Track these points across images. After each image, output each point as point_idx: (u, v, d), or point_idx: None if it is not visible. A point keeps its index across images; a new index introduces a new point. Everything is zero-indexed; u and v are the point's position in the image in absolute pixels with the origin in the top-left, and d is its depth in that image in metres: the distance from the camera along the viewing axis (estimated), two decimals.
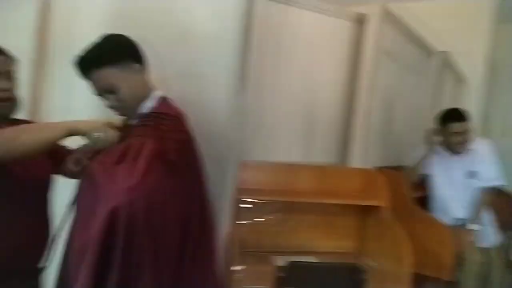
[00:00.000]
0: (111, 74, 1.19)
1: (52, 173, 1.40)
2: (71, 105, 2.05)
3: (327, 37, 2.19)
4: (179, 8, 1.71)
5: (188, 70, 1.74)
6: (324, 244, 2.02)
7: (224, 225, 1.58)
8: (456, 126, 2.28)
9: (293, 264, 1.52)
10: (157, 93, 1.29)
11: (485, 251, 2.28)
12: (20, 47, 1.34)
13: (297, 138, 2.16)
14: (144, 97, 1.26)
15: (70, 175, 1.33)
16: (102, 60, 1.18)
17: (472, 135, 2.33)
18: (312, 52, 2.15)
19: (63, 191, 1.35)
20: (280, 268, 1.50)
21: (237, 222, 1.69)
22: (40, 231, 1.36)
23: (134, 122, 1.26)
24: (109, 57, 1.19)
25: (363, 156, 2.13)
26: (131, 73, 1.22)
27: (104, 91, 1.22)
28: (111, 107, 1.25)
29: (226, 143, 1.58)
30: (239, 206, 1.75)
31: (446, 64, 2.90)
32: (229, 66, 1.60)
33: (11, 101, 1.27)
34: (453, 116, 2.31)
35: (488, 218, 2.43)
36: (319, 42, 2.16)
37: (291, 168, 1.98)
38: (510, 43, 4.23)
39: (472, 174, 2.33)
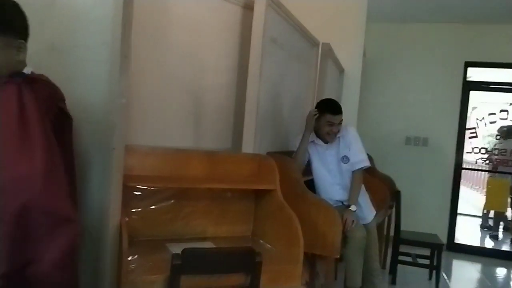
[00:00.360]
0: None
1: None
2: None
3: (216, 22, 2.16)
4: None
5: (61, 45, 1.60)
6: (219, 229, 2.00)
7: (112, 214, 1.46)
8: (329, 118, 2.46)
9: (189, 251, 1.47)
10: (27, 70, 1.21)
11: (364, 227, 2.49)
12: None
13: (186, 124, 2.11)
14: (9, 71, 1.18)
15: None
16: None
17: (342, 125, 2.53)
18: (199, 35, 2.10)
19: None
20: (176, 255, 1.44)
21: (126, 210, 1.58)
22: None
23: None
24: None
25: (254, 142, 2.15)
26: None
27: None
28: None
29: (107, 126, 1.47)
30: (128, 194, 1.64)
31: (329, 55, 3.09)
32: (106, 43, 1.48)
33: None
34: (329, 107, 2.49)
35: (364, 198, 2.67)
36: (207, 26, 2.12)
37: (182, 153, 1.91)
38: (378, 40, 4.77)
39: (343, 159, 2.55)
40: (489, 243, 5.52)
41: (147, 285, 1.45)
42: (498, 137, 5.02)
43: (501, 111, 4.94)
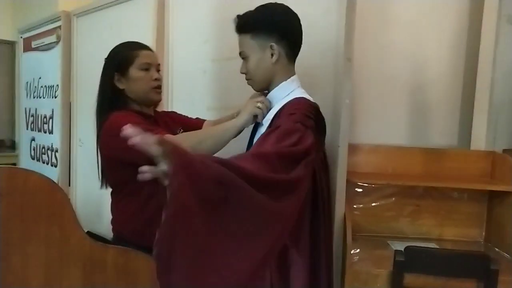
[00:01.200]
0: (246, 43, 1.26)
1: None
2: (192, 95, 2.24)
3: (440, 11, 2.04)
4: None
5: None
6: (445, 231, 1.89)
7: (337, 208, 1.57)
8: None
9: (413, 249, 1.45)
10: (290, 82, 1.29)
11: None
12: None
13: (408, 121, 2.06)
14: (273, 78, 1.27)
15: None
16: (244, 27, 1.26)
17: None
18: (420, 29, 2.02)
19: None
20: (398, 252, 1.44)
21: (349, 206, 1.66)
22: None
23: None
24: (251, 26, 1.24)
25: (486, 138, 1.94)
26: (267, 49, 1.23)
27: (240, 55, 1.30)
28: (243, 73, 1.31)
29: (332, 126, 1.58)
30: (350, 190, 1.73)
31: None
32: (333, 47, 1.59)
33: (161, 90, 1.51)
34: None
35: None
36: (429, 17, 2.03)
37: (404, 151, 1.89)
38: None
39: None
40: None
41: (371, 278, 1.50)
42: None
43: None
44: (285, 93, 1.28)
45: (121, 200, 1.46)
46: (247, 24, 1.25)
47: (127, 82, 1.45)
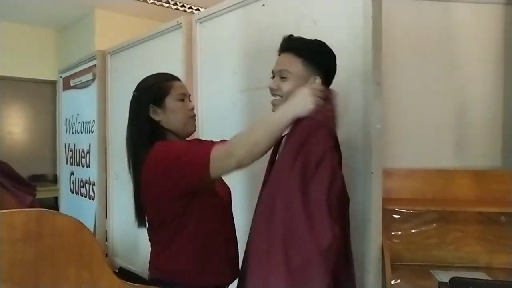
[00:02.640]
0: (294, 65, 1.26)
1: None
2: (221, 126, 2.25)
3: (473, 27, 1.98)
4: (307, 22, 1.76)
5: None
6: (494, 259, 1.76)
7: (374, 237, 1.50)
8: None
9: (459, 280, 1.35)
10: None
11: None
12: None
13: (448, 142, 1.97)
14: None
15: None
16: (301, 51, 1.26)
17: None
18: (455, 46, 1.96)
19: None
20: (442, 284, 1.35)
21: (387, 233, 1.59)
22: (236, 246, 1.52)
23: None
24: (309, 54, 1.25)
25: None
26: (309, 80, 1.25)
27: (279, 71, 1.28)
28: (271, 89, 1.30)
29: (365, 151, 1.53)
30: (388, 217, 1.65)
31: None
32: (360, 72, 1.56)
33: (196, 120, 1.49)
34: None
35: None
36: (463, 34, 1.96)
37: (444, 174, 1.80)
38: None
39: None
40: None
41: None
42: None
43: None
44: None
45: (161, 235, 1.39)
46: (303, 49, 1.26)
47: (163, 113, 1.39)
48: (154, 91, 1.40)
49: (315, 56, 1.25)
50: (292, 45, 1.28)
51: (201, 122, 2.39)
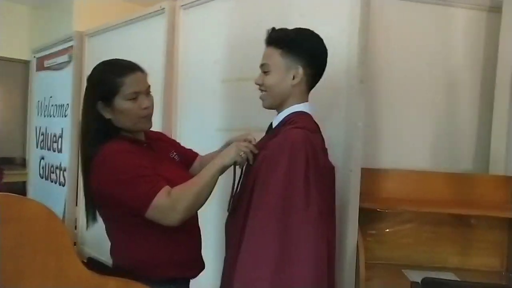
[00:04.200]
0: (273, 57, 1.24)
1: None
2: (201, 116, 2.21)
3: (458, 30, 2.00)
4: (294, 15, 1.73)
5: None
6: (464, 260, 1.80)
7: (350, 235, 1.50)
8: None
9: (431, 281, 1.37)
10: (301, 106, 1.27)
11: None
12: (152, 65, 1.45)
13: (425, 144, 1.99)
14: (287, 99, 1.26)
15: None
16: (277, 42, 1.23)
17: None
18: (438, 50, 1.98)
19: None
20: (415, 284, 1.36)
21: (362, 232, 1.59)
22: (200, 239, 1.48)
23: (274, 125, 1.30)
24: (285, 44, 1.22)
25: (505, 162, 1.87)
26: (291, 70, 1.22)
27: (261, 66, 1.27)
28: (258, 84, 1.28)
29: (345, 149, 1.52)
30: (365, 215, 1.65)
31: None
32: (345, 69, 1.55)
33: (151, 116, 1.37)
34: None
35: None
36: (448, 36, 1.98)
37: (421, 175, 1.82)
38: None
39: None
40: None
41: None
42: None
43: None
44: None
45: (119, 228, 1.34)
46: (282, 39, 1.23)
47: (112, 112, 1.28)
48: (102, 88, 1.28)
49: (294, 45, 1.22)
50: (273, 37, 1.26)
51: (179, 111, 2.34)
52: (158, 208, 1.19)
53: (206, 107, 2.18)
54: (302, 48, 1.23)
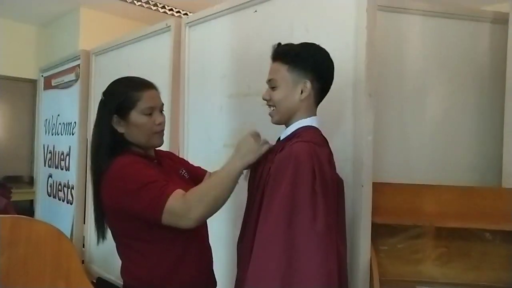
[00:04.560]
0: (281, 72, 1.23)
1: None
2: (208, 132, 2.20)
3: (461, 42, 1.99)
4: (300, 29, 1.73)
5: None
6: (478, 275, 1.75)
7: (362, 251, 1.48)
8: None
9: None
10: (309, 120, 1.27)
11: None
12: (158, 82, 1.45)
13: (433, 157, 1.96)
14: (295, 113, 1.25)
15: None
16: (284, 57, 1.23)
17: None
18: (434, 60, 1.97)
19: None
20: None
21: (375, 247, 1.56)
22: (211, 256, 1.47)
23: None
24: (292, 59, 1.22)
25: None
26: (299, 85, 1.22)
27: (269, 81, 1.26)
28: (265, 99, 1.28)
29: (355, 164, 1.51)
30: (375, 230, 1.63)
31: None
32: (352, 82, 1.54)
33: (163, 133, 1.39)
34: None
35: None
36: (451, 48, 1.98)
37: (432, 189, 1.78)
38: None
39: None
40: None
41: None
42: None
43: None
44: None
45: (130, 247, 1.32)
46: (288, 54, 1.23)
47: (127, 126, 1.31)
48: (119, 101, 1.30)
49: (300, 60, 1.22)
50: (279, 52, 1.26)
51: (187, 127, 2.34)
52: (172, 211, 1.17)
53: (213, 122, 2.18)
54: (308, 62, 1.22)
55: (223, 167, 1.26)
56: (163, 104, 1.39)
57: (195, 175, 1.55)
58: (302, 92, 1.22)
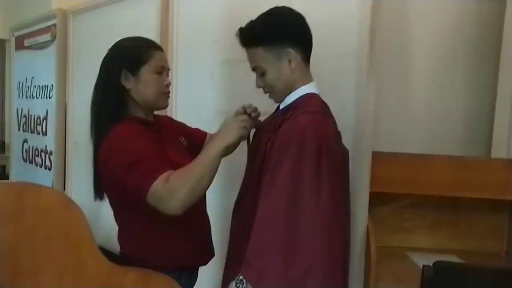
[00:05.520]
0: (260, 56, 1.17)
1: None
2: (198, 99, 2.14)
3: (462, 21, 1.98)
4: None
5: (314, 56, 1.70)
6: (465, 243, 1.83)
7: (360, 219, 1.49)
8: None
9: (440, 265, 1.37)
10: (308, 87, 1.22)
11: None
12: None
13: (428, 128, 1.98)
14: (294, 85, 1.20)
15: None
16: (254, 41, 1.17)
17: None
18: (440, 35, 1.97)
19: None
20: (427, 268, 1.36)
21: (372, 216, 1.58)
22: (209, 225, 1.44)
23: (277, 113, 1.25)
24: (262, 38, 1.16)
25: (507, 145, 1.88)
26: (283, 57, 1.16)
27: (253, 69, 1.21)
28: (260, 87, 1.23)
29: (356, 134, 1.50)
30: (374, 200, 1.64)
31: None
32: (355, 50, 1.51)
33: (169, 96, 1.36)
34: None
35: None
36: (446, 23, 1.97)
37: (425, 159, 1.81)
38: None
39: None
40: None
41: None
42: None
43: None
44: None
45: (126, 215, 1.29)
46: (256, 36, 1.17)
47: (136, 82, 1.25)
48: (131, 55, 1.26)
49: (270, 34, 1.16)
50: (245, 38, 1.19)
51: (176, 94, 2.26)
52: (155, 195, 1.12)
53: (204, 89, 2.11)
54: (279, 32, 1.16)
55: (205, 149, 1.23)
56: (169, 70, 1.36)
57: (195, 141, 1.51)
58: (290, 62, 1.17)
